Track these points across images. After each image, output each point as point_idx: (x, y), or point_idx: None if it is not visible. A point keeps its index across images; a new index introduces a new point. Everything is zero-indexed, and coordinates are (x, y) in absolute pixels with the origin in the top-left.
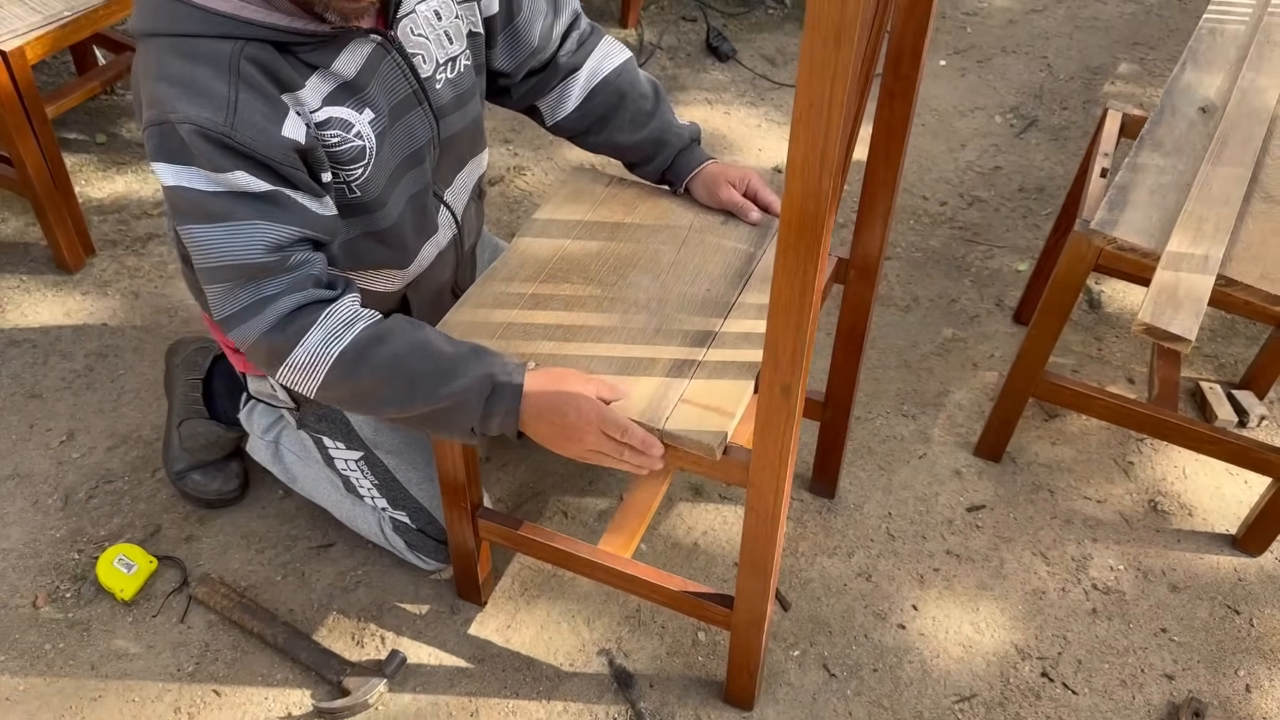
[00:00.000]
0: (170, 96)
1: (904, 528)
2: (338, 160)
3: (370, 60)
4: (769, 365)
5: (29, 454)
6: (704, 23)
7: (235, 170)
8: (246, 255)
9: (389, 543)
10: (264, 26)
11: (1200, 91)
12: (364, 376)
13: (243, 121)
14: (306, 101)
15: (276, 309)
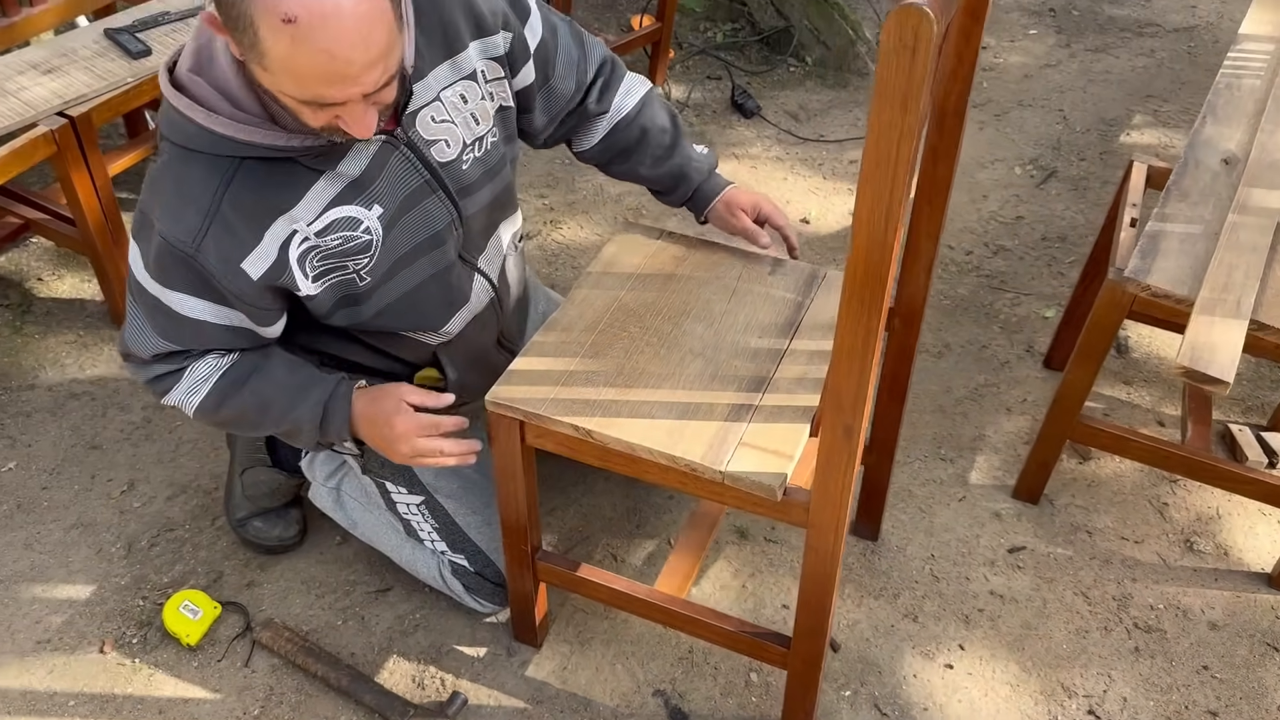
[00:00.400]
0: (158, 203)
1: (947, 569)
2: (344, 255)
3: (378, 157)
4: (831, 407)
5: (91, 504)
6: (729, 80)
7: (178, 291)
8: (140, 347)
9: (448, 587)
10: (262, 147)
11: (1221, 144)
12: (223, 415)
13: (205, 250)
14: (302, 217)
15: (153, 370)
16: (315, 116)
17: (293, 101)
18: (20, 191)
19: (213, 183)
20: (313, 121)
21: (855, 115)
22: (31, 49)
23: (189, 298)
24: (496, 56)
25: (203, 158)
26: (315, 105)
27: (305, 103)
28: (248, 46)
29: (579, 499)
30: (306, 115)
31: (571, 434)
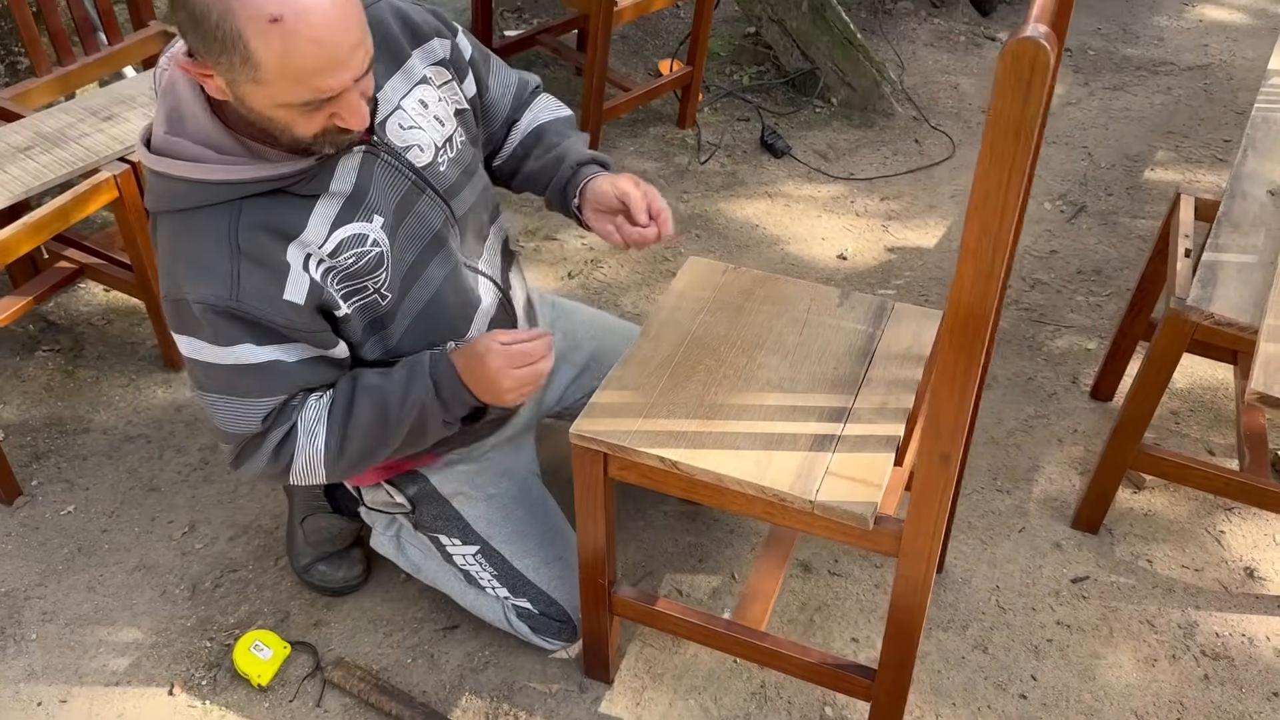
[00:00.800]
0: (180, 275)
1: (1013, 600)
2: (360, 275)
3: (364, 168)
4: (930, 434)
5: (153, 546)
6: (758, 121)
7: (240, 344)
8: (248, 426)
9: (514, 629)
10: (256, 181)
11: (1265, 176)
12: (350, 447)
13: (245, 292)
14: (313, 240)
15: (269, 443)
16: (311, 121)
17: (289, 111)
18: (73, 237)
19: (222, 229)
20: (308, 129)
21: (883, 154)
22: (90, 96)
23: (254, 346)
24: (439, 61)
25: (203, 212)
26: (312, 106)
27: (303, 106)
28: (238, 65)
29: (638, 534)
30: (302, 124)
31: (657, 465)
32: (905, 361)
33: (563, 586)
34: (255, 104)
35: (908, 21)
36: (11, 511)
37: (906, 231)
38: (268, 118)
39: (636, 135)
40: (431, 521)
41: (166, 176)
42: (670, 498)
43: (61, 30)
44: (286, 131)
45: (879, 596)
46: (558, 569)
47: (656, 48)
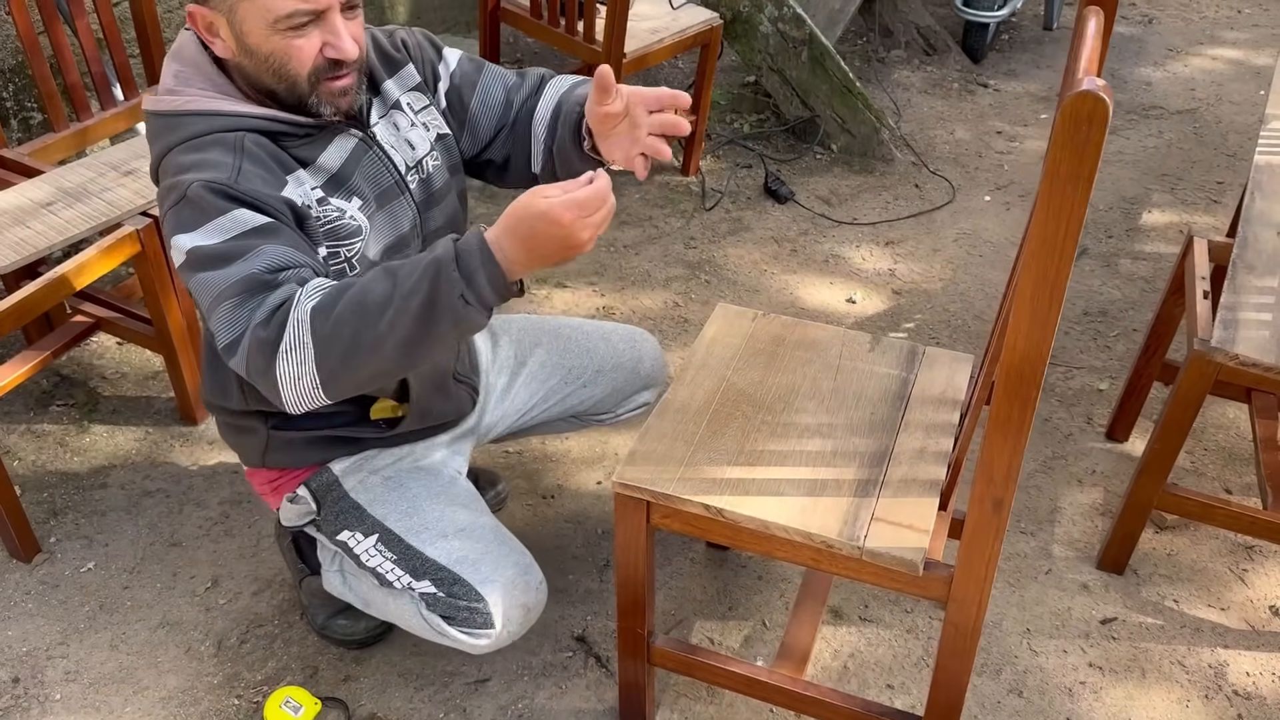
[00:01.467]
0: (182, 172)
1: (1044, 643)
2: (337, 235)
3: (354, 153)
4: (982, 480)
5: (176, 602)
6: (760, 168)
7: (237, 209)
8: (249, 271)
9: (433, 629)
10: (259, 118)
11: (1274, 217)
12: (344, 316)
13: (244, 178)
14: (305, 179)
15: (266, 305)
16: (303, 51)
17: (283, 38)
18: (89, 291)
19: (228, 142)
20: (304, 62)
21: (884, 199)
22: (110, 151)
23: (250, 212)
24: (415, 86)
25: (211, 138)
26: (300, 23)
27: (290, 20)
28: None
29: (667, 582)
30: (296, 55)
31: (702, 513)
32: (941, 406)
33: (468, 561)
34: (253, 35)
35: (901, 69)
36: (30, 569)
37: (913, 275)
38: (266, 53)
39: (641, 183)
40: (334, 520)
41: (172, 114)
42: (697, 544)
43: (79, 85)
44: (284, 69)
45: (911, 642)
46: (458, 542)
47: None
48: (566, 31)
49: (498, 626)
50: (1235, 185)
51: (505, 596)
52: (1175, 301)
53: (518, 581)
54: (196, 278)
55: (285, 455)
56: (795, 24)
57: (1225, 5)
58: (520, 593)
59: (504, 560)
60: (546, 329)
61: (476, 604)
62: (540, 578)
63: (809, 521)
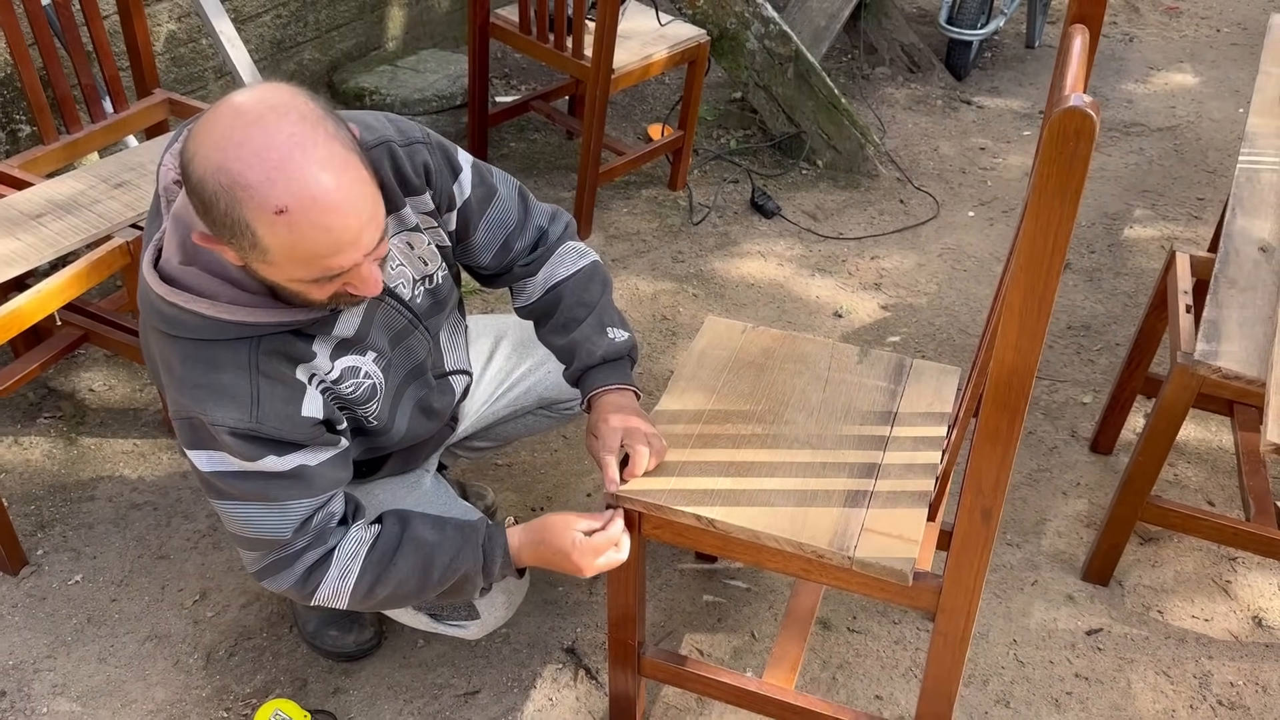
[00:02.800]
0: (200, 398)
1: (1030, 654)
2: (355, 404)
3: (366, 314)
4: (971, 490)
5: (164, 615)
6: (747, 183)
7: (264, 457)
8: (277, 532)
9: (422, 624)
10: (271, 325)
11: (1255, 234)
12: (380, 592)
13: (265, 414)
14: (320, 366)
15: (302, 564)
16: (323, 290)
17: (301, 285)
18: (78, 303)
19: (242, 356)
20: (321, 296)
21: (870, 214)
22: (100, 164)
23: (277, 458)
24: (428, 211)
25: (221, 346)
26: (324, 280)
27: (314, 281)
28: (248, 249)
29: (655, 594)
30: (315, 292)
31: (693, 524)
32: (928, 418)
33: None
34: (270, 277)
35: (885, 86)
36: (18, 582)
37: (898, 289)
38: (282, 287)
39: (629, 197)
40: None
41: (180, 309)
42: (685, 555)
43: (69, 97)
44: (302, 298)
45: (899, 653)
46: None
47: (644, 113)
48: (555, 47)
49: (483, 614)
50: (1216, 201)
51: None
52: (1158, 316)
53: None
54: (216, 501)
55: None
56: (781, 41)
57: (1205, 24)
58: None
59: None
60: (511, 319)
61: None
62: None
63: (799, 532)
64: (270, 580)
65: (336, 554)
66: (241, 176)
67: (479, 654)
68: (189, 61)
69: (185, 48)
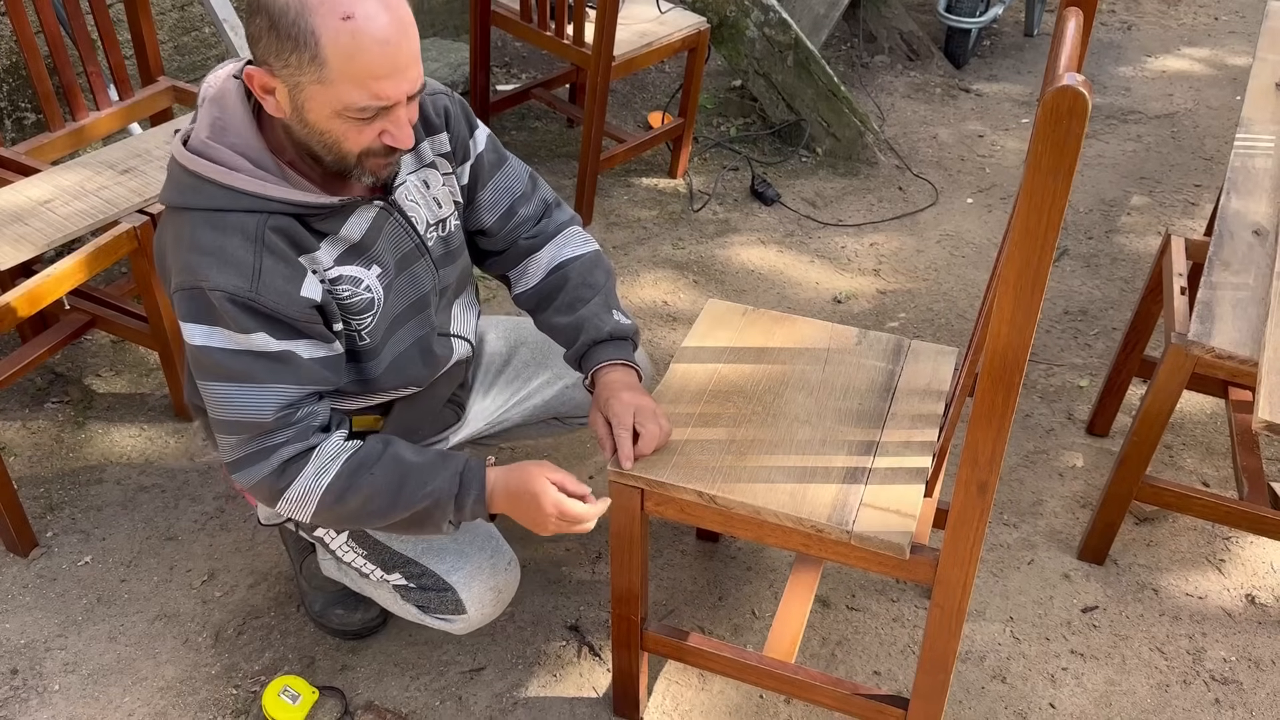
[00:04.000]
0: (202, 265)
1: (1027, 630)
2: (350, 311)
3: (375, 222)
4: (968, 464)
5: (173, 594)
6: (747, 171)
7: (257, 332)
8: (259, 414)
9: (411, 615)
10: (283, 202)
11: (1250, 217)
12: (350, 501)
13: (265, 286)
14: (321, 261)
15: (280, 456)
16: (362, 135)
17: (344, 121)
18: (85, 289)
19: (250, 228)
20: (358, 143)
21: (869, 201)
22: (107, 150)
23: (269, 337)
24: (445, 153)
25: (230, 216)
26: (367, 115)
27: (359, 113)
28: (306, 64)
29: (657, 574)
30: (353, 137)
31: (695, 500)
32: (926, 397)
33: (432, 551)
34: (314, 112)
35: (884, 75)
36: (28, 564)
37: (898, 275)
38: (322, 130)
39: (630, 185)
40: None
41: (199, 177)
42: (687, 536)
43: (75, 84)
44: (336, 146)
45: (897, 630)
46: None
47: (645, 101)
48: (556, 35)
49: (469, 611)
50: (1212, 188)
51: (473, 581)
52: (1153, 299)
53: (484, 565)
54: (203, 382)
55: None
56: (781, 29)
57: (1203, 12)
58: (488, 576)
59: (469, 546)
60: (534, 327)
61: (445, 592)
62: (510, 557)
63: (799, 507)
64: (245, 472)
65: (317, 453)
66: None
67: (484, 632)
68: (192, 50)
69: (189, 36)
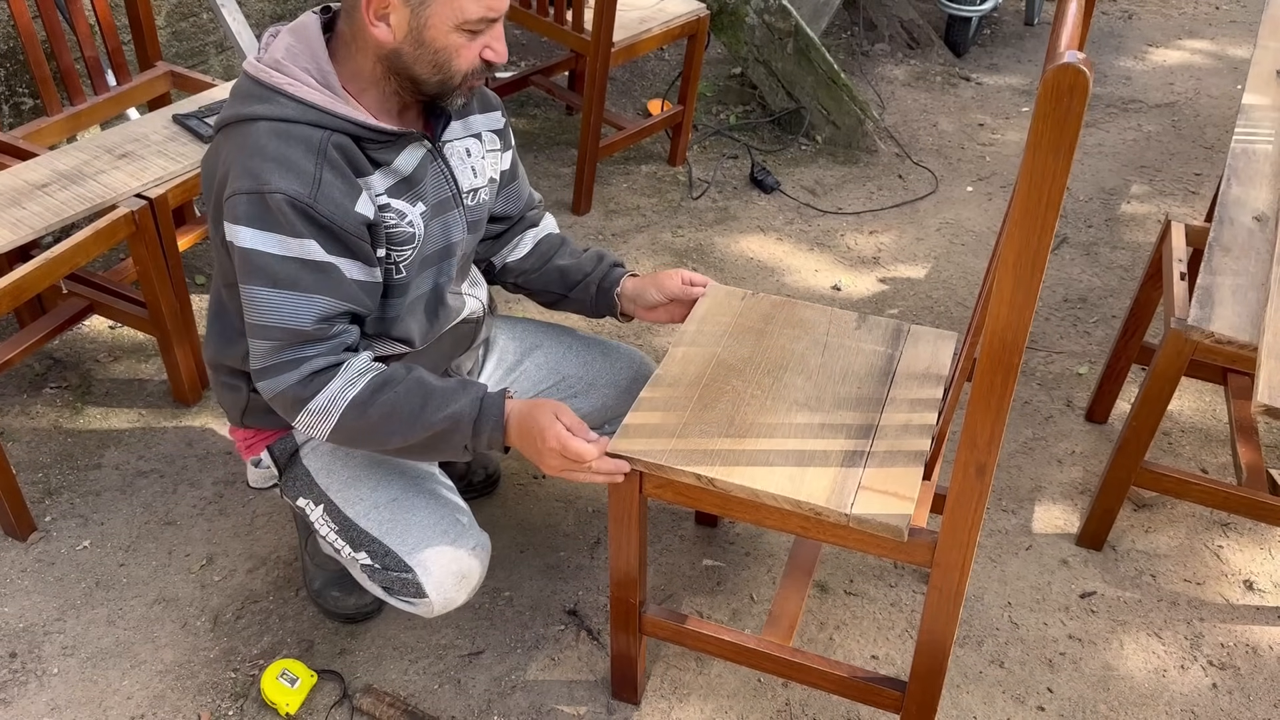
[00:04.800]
0: (266, 170)
1: (1025, 616)
2: (393, 241)
3: (423, 162)
4: (966, 446)
5: (171, 579)
6: (747, 158)
7: (309, 239)
8: (297, 322)
9: (380, 595)
10: (348, 121)
11: (1250, 204)
12: (372, 415)
13: (324, 196)
14: (374, 187)
15: (310, 366)
16: (470, 50)
17: (459, 36)
18: (80, 273)
19: (314, 140)
20: (465, 61)
21: (869, 189)
22: (104, 135)
23: (320, 247)
24: (497, 129)
25: (297, 128)
26: (480, 29)
27: (474, 26)
28: None
29: (656, 559)
30: (464, 53)
31: (694, 483)
32: (925, 381)
33: (395, 532)
34: (434, 28)
35: (885, 63)
36: (27, 548)
37: (897, 263)
38: (439, 47)
39: (629, 173)
40: (292, 487)
41: (271, 88)
42: (685, 520)
43: (72, 69)
44: (449, 64)
45: (895, 615)
46: (389, 512)
47: (644, 88)
48: (555, 20)
49: (430, 594)
50: (1212, 177)
51: (434, 565)
52: (1153, 285)
53: (446, 550)
54: (247, 285)
55: (259, 418)
56: (781, 16)
57: (1204, 2)
58: (451, 560)
59: (433, 528)
60: (550, 332)
61: (405, 574)
62: (477, 542)
63: (798, 490)
64: (272, 379)
65: (345, 367)
66: None
67: (482, 616)
68: (190, 36)
69: (187, 22)
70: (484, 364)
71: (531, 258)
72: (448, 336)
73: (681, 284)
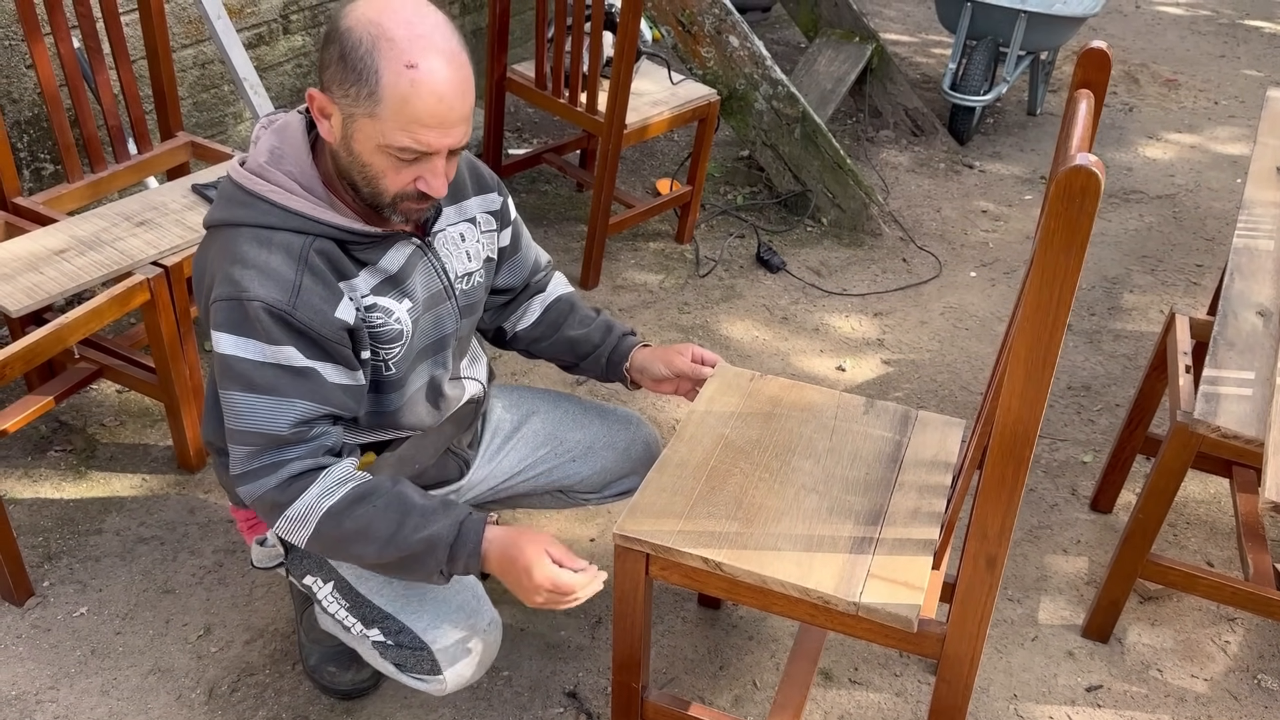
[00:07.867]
0: (246, 278)
1: (1031, 709)
2: (379, 340)
3: (411, 259)
4: (976, 537)
5: (168, 649)
6: (753, 238)
7: (287, 345)
8: (274, 426)
9: (391, 673)
10: (330, 226)
11: (1253, 298)
12: (347, 527)
13: (303, 303)
14: (359, 288)
15: (288, 470)
16: (399, 176)
17: (386, 158)
18: (94, 338)
19: (294, 250)
20: (394, 184)
21: (873, 272)
22: (123, 202)
23: (298, 353)
24: (493, 211)
25: (279, 235)
26: (406, 158)
27: (399, 154)
28: (363, 97)
29: (658, 640)
30: (391, 176)
31: (701, 566)
32: (934, 468)
33: (410, 608)
34: (360, 143)
35: (889, 149)
36: (23, 613)
37: (901, 345)
38: (364, 162)
39: (637, 249)
40: (298, 565)
41: (253, 195)
42: (688, 602)
43: (95, 137)
44: (375, 181)
45: (901, 705)
46: (403, 588)
47: (654, 168)
48: (570, 102)
49: (444, 672)
50: (1214, 268)
51: (450, 642)
52: (1158, 376)
53: (461, 625)
54: (226, 391)
55: None
56: (789, 102)
57: (1203, 96)
58: (466, 637)
59: (447, 604)
60: (545, 398)
61: (420, 651)
62: (490, 619)
63: (806, 577)
64: (252, 484)
65: (325, 474)
66: (389, 32)
67: (480, 696)
68: (211, 106)
69: (208, 93)
70: (481, 435)
71: (541, 325)
72: (449, 420)
73: (690, 362)
